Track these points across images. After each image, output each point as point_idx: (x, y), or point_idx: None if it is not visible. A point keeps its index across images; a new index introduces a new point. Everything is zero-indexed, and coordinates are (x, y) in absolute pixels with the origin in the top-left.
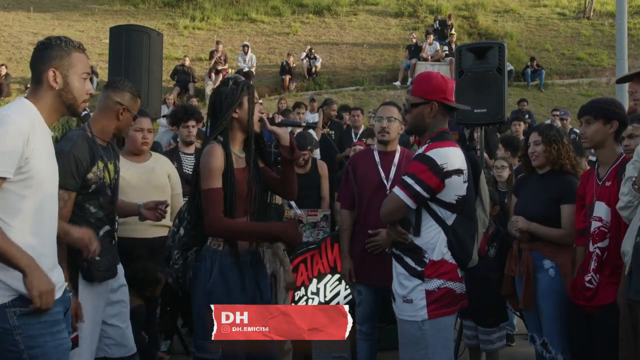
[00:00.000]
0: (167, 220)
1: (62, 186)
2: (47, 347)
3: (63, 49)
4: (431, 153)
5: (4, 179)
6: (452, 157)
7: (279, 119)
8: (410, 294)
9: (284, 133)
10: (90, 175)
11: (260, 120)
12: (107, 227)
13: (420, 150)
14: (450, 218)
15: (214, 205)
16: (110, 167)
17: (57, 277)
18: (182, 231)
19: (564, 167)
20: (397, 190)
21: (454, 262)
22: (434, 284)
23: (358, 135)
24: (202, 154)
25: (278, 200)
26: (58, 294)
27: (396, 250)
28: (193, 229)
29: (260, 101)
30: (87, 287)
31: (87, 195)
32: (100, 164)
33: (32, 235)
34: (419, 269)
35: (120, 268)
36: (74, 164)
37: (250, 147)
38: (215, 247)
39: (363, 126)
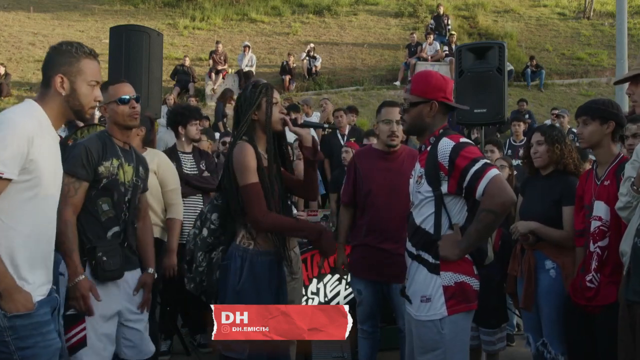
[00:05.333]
0: (159, 220)
1: (72, 174)
2: (37, 348)
3: (73, 55)
4: (463, 140)
5: (9, 180)
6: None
7: (301, 119)
8: (428, 292)
9: (307, 134)
10: (101, 169)
11: (283, 120)
12: (116, 229)
13: (450, 143)
14: (464, 217)
15: (257, 199)
16: (128, 168)
17: (47, 279)
18: (205, 232)
19: (567, 167)
20: (493, 171)
21: (470, 258)
22: (450, 278)
23: (345, 137)
24: (233, 153)
25: None
26: (45, 295)
27: (416, 251)
28: (221, 228)
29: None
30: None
31: (99, 191)
32: (115, 162)
33: (31, 238)
34: (435, 261)
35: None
36: (84, 153)
37: (271, 147)
38: (246, 246)
39: (348, 126)
